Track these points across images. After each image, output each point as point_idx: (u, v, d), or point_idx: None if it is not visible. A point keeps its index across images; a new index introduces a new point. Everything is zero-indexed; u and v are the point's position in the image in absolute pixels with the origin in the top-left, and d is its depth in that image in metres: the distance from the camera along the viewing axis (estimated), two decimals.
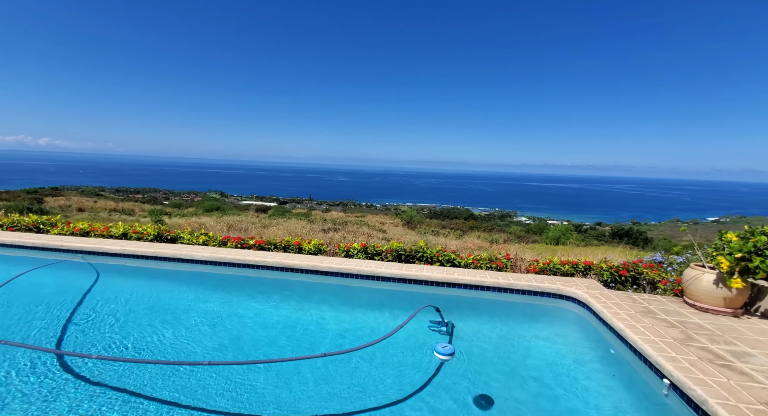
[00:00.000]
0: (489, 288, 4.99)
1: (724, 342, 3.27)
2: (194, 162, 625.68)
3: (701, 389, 2.51)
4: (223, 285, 5.56)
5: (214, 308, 4.72)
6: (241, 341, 3.96)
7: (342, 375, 3.35)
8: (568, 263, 5.57)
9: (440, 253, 5.83)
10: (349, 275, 5.33)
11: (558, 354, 3.92)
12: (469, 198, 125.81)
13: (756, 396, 2.48)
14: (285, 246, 6.30)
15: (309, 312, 4.73)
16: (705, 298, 3.98)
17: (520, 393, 3.20)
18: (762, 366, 2.88)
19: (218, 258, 5.71)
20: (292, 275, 5.52)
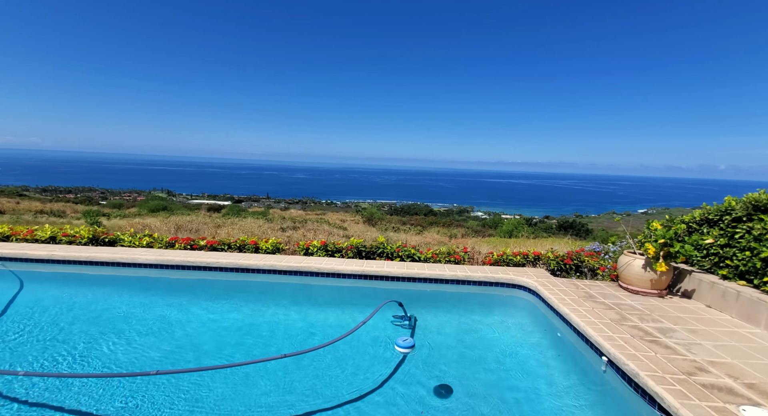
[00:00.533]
0: (448, 281, 5.14)
1: (652, 320, 3.65)
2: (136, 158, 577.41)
3: (633, 363, 2.79)
4: (172, 289, 5.19)
5: (161, 314, 4.39)
6: (194, 348, 3.73)
7: (303, 374, 3.29)
8: (519, 254, 5.89)
9: (400, 249, 5.90)
10: (309, 273, 5.22)
11: (512, 340, 4.15)
12: (429, 194, 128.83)
13: (678, 366, 2.79)
14: (240, 246, 6.02)
15: (268, 314, 4.57)
16: (636, 282, 4.41)
17: (478, 379, 3.34)
18: (683, 340, 3.25)
19: (165, 261, 5.32)
20: (248, 276, 5.29)
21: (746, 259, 3.85)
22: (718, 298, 4.00)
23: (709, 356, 2.96)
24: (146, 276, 5.40)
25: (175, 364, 3.43)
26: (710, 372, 2.72)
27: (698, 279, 4.27)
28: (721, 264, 4.18)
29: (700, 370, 2.74)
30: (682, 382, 2.56)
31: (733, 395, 2.45)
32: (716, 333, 3.41)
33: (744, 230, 3.92)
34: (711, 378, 2.65)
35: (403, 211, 44.84)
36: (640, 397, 2.64)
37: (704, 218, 4.50)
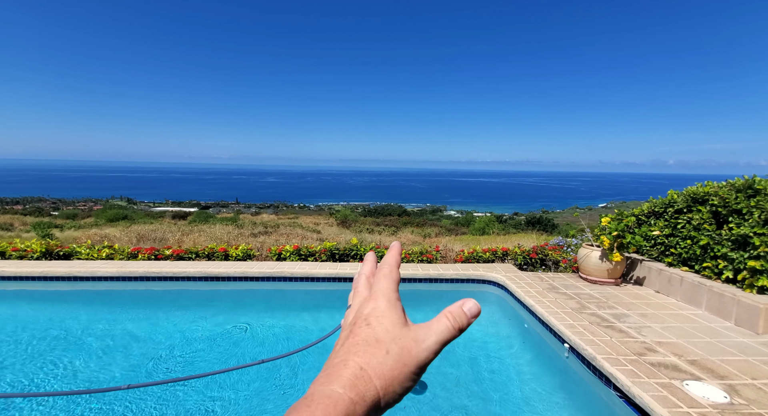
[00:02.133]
0: (421, 280, 5.26)
1: (608, 307, 3.94)
2: (90, 165, 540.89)
3: (591, 348, 3.00)
4: (136, 302, 4.97)
5: (126, 328, 4.20)
6: (163, 360, 3.60)
7: (281, 378, 3.27)
8: (489, 251, 6.12)
9: (373, 250, 5.95)
10: (283, 278, 5.17)
11: (484, 334, 4.32)
12: (402, 195, 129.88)
13: (630, 348, 3.04)
14: (209, 254, 5.84)
15: (240, 321, 4.47)
16: (594, 272, 4.73)
17: (452, 373, 3.46)
18: (635, 324, 3.53)
19: (127, 273, 5.07)
20: (218, 284, 5.16)
21: (687, 247, 4.23)
22: (665, 284, 4.36)
23: (657, 337, 3.24)
24: (108, 289, 5.13)
25: (144, 380, 3.30)
26: (658, 352, 2.98)
27: (648, 267, 4.64)
28: (666, 253, 4.56)
29: (649, 351, 3.00)
30: (634, 362, 2.80)
31: (677, 371, 2.70)
32: (663, 316, 3.72)
33: (685, 220, 4.31)
34: (659, 357, 2.90)
35: (377, 212, 44.96)
36: (598, 379, 2.85)
37: (651, 211, 4.89)
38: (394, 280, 0.41)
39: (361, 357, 0.32)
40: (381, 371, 0.32)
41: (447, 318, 0.37)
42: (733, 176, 4.00)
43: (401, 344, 0.34)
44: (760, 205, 3.53)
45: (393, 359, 0.33)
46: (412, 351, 0.34)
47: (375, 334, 0.35)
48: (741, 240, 3.65)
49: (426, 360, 0.34)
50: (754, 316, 3.36)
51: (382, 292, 0.40)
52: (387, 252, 0.44)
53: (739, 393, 2.44)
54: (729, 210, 3.84)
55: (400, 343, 0.34)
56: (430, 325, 0.37)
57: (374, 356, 0.33)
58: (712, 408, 2.27)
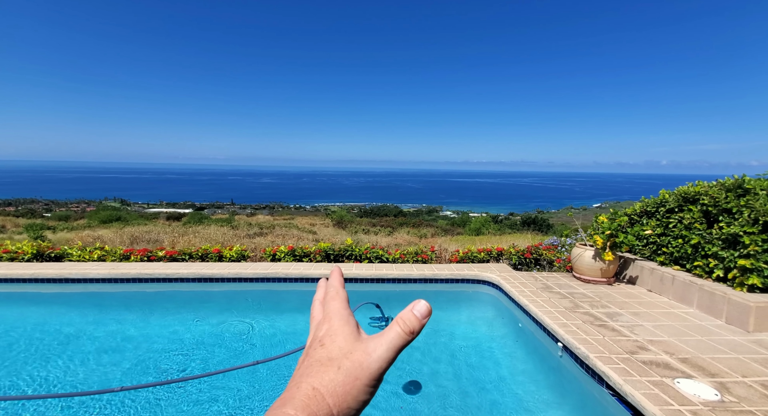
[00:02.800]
0: (416, 281, 5.26)
1: (601, 306, 3.96)
2: (84, 166, 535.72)
3: (584, 347, 3.02)
4: (128, 304, 4.92)
5: (118, 330, 4.16)
6: (156, 362, 3.57)
7: (275, 380, 3.25)
8: (483, 251, 6.14)
9: (368, 251, 5.95)
10: (277, 279, 5.14)
11: (478, 333, 4.33)
12: (398, 195, 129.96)
13: (623, 347, 3.06)
14: (203, 255, 5.80)
15: (234, 322, 4.45)
16: (587, 271, 4.75)
17: (447, 372, 3.46)
18: (627, 323, 3.55)
19: (119, 275, 5.02)
20: (212, 285, 5.12)
21: (679, 246, 4.27)
22: (657, 283, 4.40)
23: (649, 336, 3.27)
24: (99, 291, 5.08)
25: (138, 381, 3.27)
26: (650, 350, 3.00)
27: (640, 266, 4.68)
28: (658, 252, 4.60)
29: (641, 349, 3.02)
30: (626, 361, 2.81)
31: (669, 369, 2.72)
32: (656, 315, 3.75)
33: (676, 220, 4.35)
34: (650, 355, 2.92)
35: (373, 213, 44.96)
36: (591, 377, 2.86)
37: (644, 210, 4.93)
38: (343, 299, 0.43)
39: (314, 378, 0.33)
40: (333, 388, 0.32)
41: (398, 324, 0.38)
42: (724, 176, 4.05)
43: (353, 358, 0.35)
44: (749, 204, 3.57)
45: (344, 374, 0.33)
46: (363, 364, 0.34)
47: (328, 353, 0.36)
48: (731, 239, 3.69)
49: (378, 370, 0.35)
50: (744, 314, 3.39)
51: (334, 312, 0.41)
52: (330, 276, 0.47)
53: (729, 390, 2.46)
54: (719, 210, 3.88)
55: (352, 358, 0.35)
56: (383, 334, 0.37)
57: (326, 374, 0.33)
58: (703, 405, 2.29)
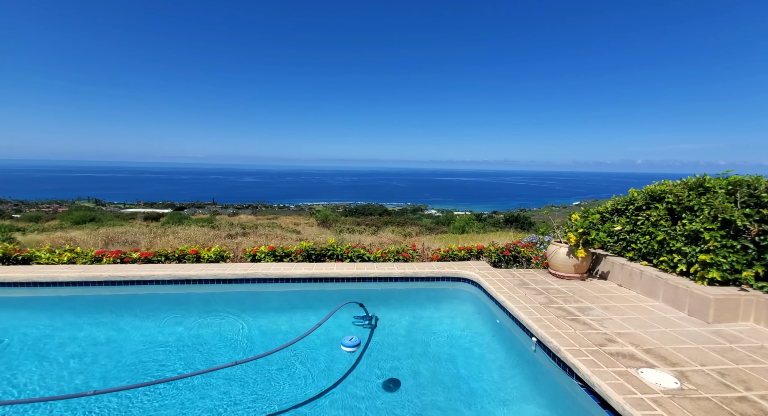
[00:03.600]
0: (397, 279, 5.30)
1: (573, 301, 4.10)
2: (55, 165, 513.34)
3: (556, 340, 3.12)
4: (101, 307, 4.77)
5: (90, 335, 4.03)
6: (130, 366, 3.48)
7: (255, 381, 3.22)
8: (464, 249, 6.24)
9: (350, 250, 5.96)
10: (257, 280, 5.08)
11: (458, 330, 4.41)
12: (383, 194, 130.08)
13: (592, 339, 3.18)
14: (180, 257, 5.67)
15: (213, 325, 4.38)
16: (562, 267, 4.91)
17: (426, 369, 3.51)
18: (597, 317, 3.69)
19: (91, 278, 4.86)
20: (189, 287, 5.02)
21: (646, 242, 4.46)
22: (626, 278, 4.58)
23: (617, 328, 3.41)
24: (70, 295, 4.90)
25: (111, 385, 3.18)
26: (617, 342, 3.13)
27: (611, 262, 4.86)
28: (628, 248, 4.79)
29: (609, 341, 3.15)
30: (594, 353, 2.93)
31: (634, 360, 2.85)
32: (624, 308, 3.91)
33: (644, 217, 4.54)
34: (617, 347, 3.05)
35: (358, 212, 44.88)
36: (562, 370, 2.97)
37: (615, 208, 5.12)
38: None
39: None
40: None
41: None
42: (694, 174, 4.24)
43: None
44: (709, 202, 3.76)
45: None
46: None
47: None
48: (693, 236, 3.88)
49: None
50: (705, 306, 3.58)
51: None
52: None
53: (688, 378, 2.60)
54: (682, 207, 4.08)
55: None
56: None
57: None
58: (663, 393, 2.41)
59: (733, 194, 3.73)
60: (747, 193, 3.64)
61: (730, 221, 3.63)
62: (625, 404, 2.30)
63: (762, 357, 2.91)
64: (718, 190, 3.81)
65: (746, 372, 2.70)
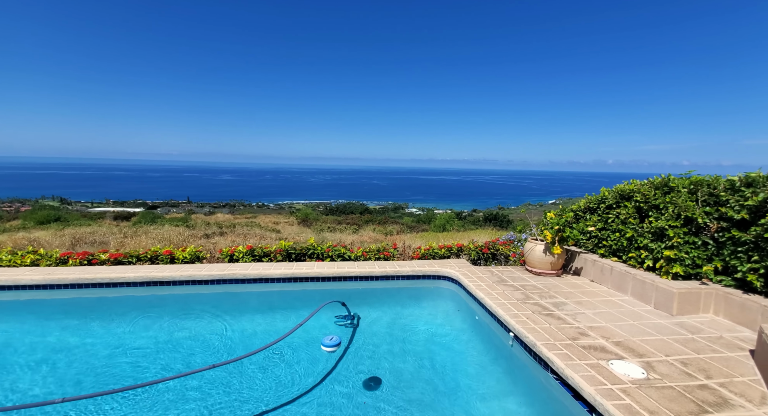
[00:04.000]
0: (378, 278, 5.31)
1: (549, 297, 4.23)
2: (16, 161, 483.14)
3: (532, 335, 3.22)
4: (67, 311, 4.54)
5: (57, 340, 3.83)
6: (102, 372, 3.33)
7: (235, 384, 3.15)
8: (444, 247, 6.31)
9: (330, 249, 5.91)
10: (235, 281, 4.97)
11: (438, 327, 4.46)
12: (364, 192, 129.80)
13: (566, 333, 3.30)
14: (152, 258, 5.46)
15: (188, 327, 4.25)
16: (538, 264, 5.05)
17: (407, 367, 3.53)
18: (571, 311, 3.83)
19: (56, 280, 4.61)
20: (163, 289, 4.84)
21: (617, 239, 4.66)
22: (598, 273, 4.78)
23: (589, 322, 3.55)
24: (33, 299, 4.64)
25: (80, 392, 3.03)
26: (589, 336, 3.26)
27: (584, 258, 5.05)
28: (599, 245, 4.99)
29: (582, 335, 3.27)
30: (568, 346, 3.04)
31: (605, 352, 2.98)
32: (596, 303, 4.08)
33: (614, 215, 4.74)
34: (589, 340, 3.18)
35: (339, 211, 44.61)
36: (538, 363, 3.06)
37: (587, 207, 5.32)
38: None
39: None
40: None
41: None
42: (660, 174, 4.45)
43: None
44: (673, 200, 3.97)
45: None
46: None
47: None
48: (659, 233, 4.09)
49: None
50: (669, 300, 3.78)
51: None
52: None
53: (654, 369, 2.74)
54: (649, 206, 4.29)
55: None
56: None
57: None
58: (631, 383, 2.53)
59: (695, 193, 3.95)
60: (707, 192, 3.86)
61: (692, 219, 3.84)
62: (596, 395, 2.40)
63: (721, 347, 3.11)
64: (681, 189, 4.02)
65: (706, 361, 2.87)
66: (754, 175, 3.59)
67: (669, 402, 2.34)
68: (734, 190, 3.67)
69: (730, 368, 2.77)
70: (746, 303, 3.47)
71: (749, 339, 3.26)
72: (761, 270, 3.37)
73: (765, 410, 2.28)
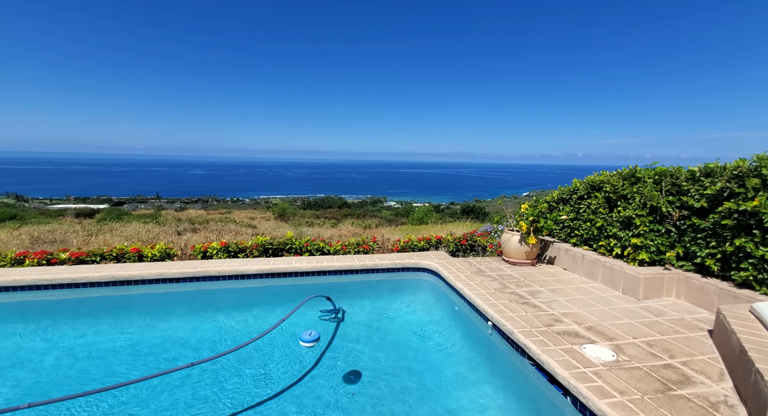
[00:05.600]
0: (357, 271, 5.26)
1: (525, 286, 4.35)
2: None
3: (509, 323, 3.29)
4: (23, 315, 4.23)
5: (14, 345, 3.57)
6: (65, 377, 3.13)
7: (211, 383, 3.04)
8: (423, 239, 6.35)
9: (309, 243, 5.82)
10: (208, 278, 4.79)
11: (418, 319, 4.50)
12: (342, 186, 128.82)
13: (542, 321, 3.40)
14: (118, 256, 5.18)
15: (159, 328, 4.07)
16: (514, 254, 5.18)
17: (388, 359, 3.54)
18: (546, 299, 3.95)
19: (11, 282, 4.28)
20: (130, 288, 4.59)
21: (588, 229, 4.84)
22: (570, 262, 4.95)
23: (563, 309, 3.67)
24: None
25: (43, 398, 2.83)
26: (563, 322, 3.37)
27: (558, 247, 5.22)
28: (572, 234, 5.17)
29: (556, 321, 3.38)
30: (544, 333, 3.13)
31: (577, 337, 3.09)
32: (569, 290, 4.23)
33: (585, 205, 4.91)
34: (563, 326, 3.29)
35: (317, 205, 44.07)
36: (515, 350, 3.14)
37: (560, 197, 5.49)
38: None
39: None
40: None
41: None
42: (627, 165, 4.63)
43: None
44: (640, 190, 4.15)
45: None
46: None
47: None
48: (626, 221, 4.27)
49: None
50: (636, 285, 3.97)
51: None
52: None
53: (623, 351, 2.87)
54: (618, 196, 4.47)
55: None
56: None
57: None
58: (602, 366, 2.64)
59: (660, 183, 4.14)
60: (670, 182, 4.06)
61: (657, 207, 4.04)
62: (570, 378, 2.49)
63: (682, 328, 3.30)
64: (647, 179, 4.21)
65: (670, 342, 3.04)
66: (713, 165, 3.79)
67: (637, 382, 2.45)
68: (695, 180, 3.88)
69: (691, 347, 2.95)
70: (704, 286, 3.69)
71: (707, 319, 3.48)
72: (718, 255, 3.59)
73: (723, 386, 2.44)
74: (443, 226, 13.92)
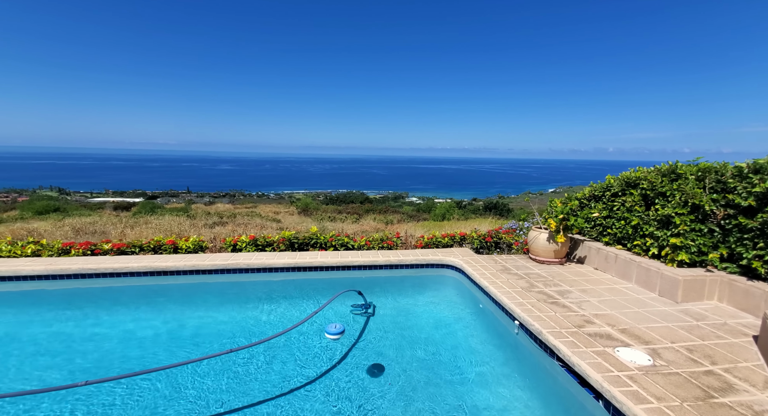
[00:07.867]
0: (382, 267, 5.31)
1: (553, 285, 4.24)
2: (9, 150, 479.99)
3: (538, 323, 3.23)
4: (70, 302, 4.54)
5: (60, 331, 3.85)
6: (109, 361, 3.35)
7: (245, 370, 3.18)
8: (447, 236, 6.31)
9: (333, 238, 5.90)
10: (238, 270, 4.97)
11: (442, 316, 4.48)
12: (364, 182, 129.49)
13: (572, 321, 3.31)
14: (155, 247, 5.45)
15: (193, 317, 4.26)
16: (542, 252, 5.05)
17: (413, 355, 3.56)
18: (576, 299, 3.84)
19: (58, 271, 4.60)
20: (166, 279, 4.84)
21: (621, 227, 4.64)
22: (602, 261, 4.78)
23: (594, 310, 3.56)
24: (35, 289, 4.63)
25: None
26: (595, 323, 3.27)
27: (588, 246, 5.05)
28: (604, 233, 4.98)
29: (587, 323, 3.28)
30: (574, 334, 3.05)
31: (610, 340, 2.99)
32: (600, 291, 4.09)
33: (620, 203, 4.71)
34: (595, 328, 3.19)
35: (339, 200, 44.53)
36: (543, 351, 3.08)
37: (592, 194, 5.29)
38: None
39: None
40: None
41: None
42: (661, 162, 4.41)
43: None
44: (681, 188, 3.94)
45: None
46: None
47: None
48: (665, 220, 4.07)
49: None
50: (674, 287, 3.79)
51: None
52: None
53: (660, 355, 2.75)
54: (656, 193, 4.25)
55: None
56: None
57: None
58: (638, 370, 2.55)
59: (703, 180, 3.91)
60: (715, 179, 3.82)
61: (699, 206, 3.82)
62: (604, 381, 2.41)
63: (725, 333, 3.12)
64: (689, 176, 3.98)
65: (711, 347, 2.89)
66: (762, 161, 3.54)
67: (675, 388, 2.35)
68: (742, 177, 3.63)
69: (734, 354, 2.79)
70: (750, 289, 3.47)
71: (753, 325, 3.28)
72: (766, 257, 3.36)
73: None
74: (466, 223, 13.76)
